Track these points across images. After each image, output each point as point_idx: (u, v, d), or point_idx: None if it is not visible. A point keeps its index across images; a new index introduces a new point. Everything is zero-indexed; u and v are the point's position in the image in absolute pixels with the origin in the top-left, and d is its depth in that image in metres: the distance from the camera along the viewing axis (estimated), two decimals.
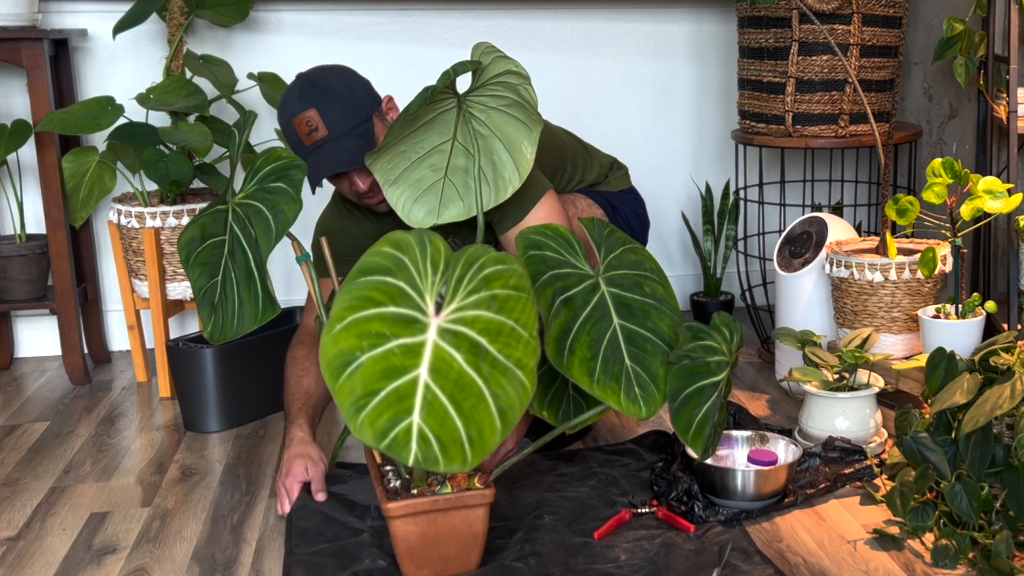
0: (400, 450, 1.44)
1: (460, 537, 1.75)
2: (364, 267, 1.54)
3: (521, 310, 1.57)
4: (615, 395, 1.77)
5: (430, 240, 1.58)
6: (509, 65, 2.00)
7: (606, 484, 2.12)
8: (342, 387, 1.45)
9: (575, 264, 1.85)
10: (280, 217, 1.87)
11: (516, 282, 1.59)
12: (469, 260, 1.58)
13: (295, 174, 1.90)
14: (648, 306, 1.86)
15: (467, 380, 1.49)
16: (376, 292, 1.51)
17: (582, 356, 1.77)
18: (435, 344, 1.50)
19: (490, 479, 1.79)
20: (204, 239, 1.93)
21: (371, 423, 1.44)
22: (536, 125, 1.97)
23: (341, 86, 2.10)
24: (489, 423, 1.49)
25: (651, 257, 1.95)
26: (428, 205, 1.94)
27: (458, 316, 1.53)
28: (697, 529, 1.91)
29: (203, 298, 1.89)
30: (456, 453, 1.46)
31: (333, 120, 2.07)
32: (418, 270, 1.55)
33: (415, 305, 1.52)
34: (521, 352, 1.54)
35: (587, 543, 1.88)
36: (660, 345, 1.84)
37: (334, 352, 1.47)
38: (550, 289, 1.80)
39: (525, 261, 1.80)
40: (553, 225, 1.89)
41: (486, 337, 1.52)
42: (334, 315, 1.49)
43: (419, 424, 1.45)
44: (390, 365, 1.47)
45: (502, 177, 1.94)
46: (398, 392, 1.46)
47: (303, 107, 2.07)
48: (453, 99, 1.98)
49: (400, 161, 1.97)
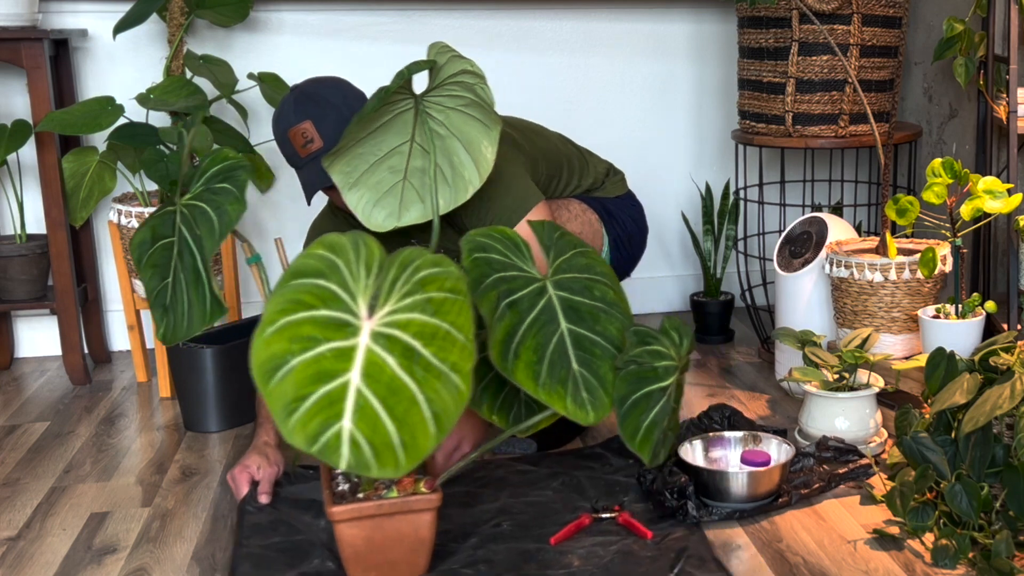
0: (331, 455, 1.41)
1: (407, 542, 1.73)
2: (297, 270, 1.51)
3: (457, 313, 1.54)
4: (561, 399, 1.73)
5: (364, 242, 1.56)
6: (464, 64, 1.98)
7: (570, 488, 2.11)
8: (273, 391, 1.43)
9: (522, 267, 1.82)
10: (224, 218, 1.82)
11: (452, 285, 1.55)
12: (404, 262, 1.56)
13: (240, 175, 1.86)
14: (598, 310, 1.84)
15: (400, 384, 1.46)
16: (308, 295, 1.48)
17: (527, 360, 1.73)
18: (367, 348, 1.48)
19: (436, 483, 1.77)
20: (155, 241, 1.89)
21: (302, 427, 1.41)
22: (495, 124, 1.95)
23: (337, 98, 2.11)
24: (423, 428, 1.46)
25: (602, 261, 1.93)
26: (388, 208, 1.93)
27: (391, 319, 1.50)
28: (655, 535, 1.89)
29: (155, 300, 1.86)
30: (388, 458, 1.43)
31: (328, 132, 2.08)
32: (351, 273, 1.52)
33: (347, 308, 1.50)
34: (457, 356, 1.51)
35: (542, 549, 1.86)
36: (609, 349, 1.81)
37: (265, 356, 1.44)
38: (494, 292, 1.76)
39: (469, 264, 1.77)
40: (501, 228, 1.86)
41: (420, 340, 1.50)
42: (265, 318, 1.47)
43: (350, 429, 1.42)
44: (321, 369, 1.44)
45: (462, 177, 1.92)
46: (329, 396, 1.43)
47: (298, 119, 2.08)
48: (410, 100, 1.96)
49: (359, 164, 1.95)
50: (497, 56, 3.21)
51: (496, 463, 2.24)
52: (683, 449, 2.10)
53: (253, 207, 3.21)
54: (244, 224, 3.20)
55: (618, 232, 2.44)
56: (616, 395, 1.78)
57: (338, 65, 2.78)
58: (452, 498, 2.07)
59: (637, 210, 2.52)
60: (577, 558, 1.83)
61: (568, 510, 2.01)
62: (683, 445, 2.11)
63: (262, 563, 1.82)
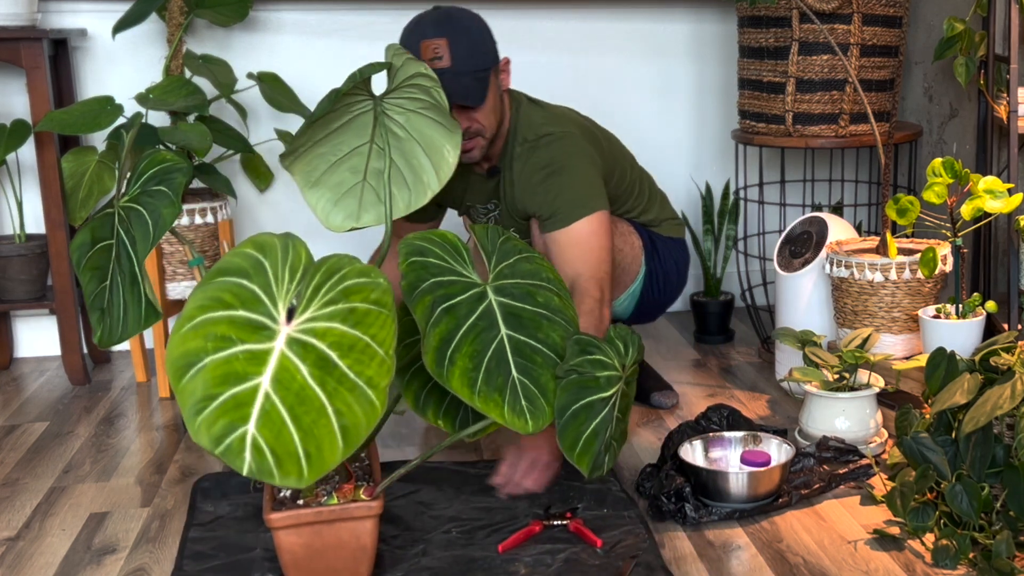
0: (234, 458, 1.39)
1: (347, 550, 1.70)
2: (222, 267, 1.49)
3: (380, 326, 1.51)
4: (498, 408, 1.70)
5: (293, 245, 1.54)
6: (419, 67, 1.95)
7: (525, 495, 2.08)
8: (184, 388, 1.41)
9: (461, 272, 1.78)
10: (159, 221, 1.79)
11: (378, 297, 1.53)
12: (330, 269, 1.53)
13: (176, 177, 1.82)
14: (540, 316, 1.80)
15: (310, 394, 1.44)
16: (228, 294, 1.46)
17: (463, 367, 1.70)
18: (281, 353, 1.45)
19: (376, 491, 1.74)
20: (94, 243, 1.86)
21: (208, 427, 1.39)
22: (456, 128, 1.94)
23: (476, 28, 2.17)
24: (330, 440, 1.43)
25: (549, 267, 1.90)
26: (347, 209, 1.91)
27: (309, 327, 1.47)
28: (605, 543, 1.87)
29: (93, 303, 1.83)
30: (291, 467, 1.41)
31: (459, 55, 2.12)
32: (276, 275, 1.50)
33: (266, 311, 1.47)
34: (374, 370, 1.48)
35: (488, 557, 1.84)
36: (552, 357, 1.78)
37: (180, 351, 1.42)
38: (429, 297, 1.72)
39: (405, 268, 1.74)
40: (441, 231, 1.82)
41: (337, 351, 1.47)
42: (184, 314, 1.45)
43: (254, 434, 1.40)
44: (232, 370, 1.42)
45: (421, 181, 1.90)
46: (236, 399, 1.41)
47: (435, 33, 2.12)
48: (369, 101, 1.94)
49: (319, 163, 1.93)
50: None
51: (451, 468, 2.21)
52: (683, 449, 2.09)
53: (252, 206, 3.20)
54: (244, 223, 3.20)
55: (656, 267, 2.42)
56: (557, 404, 1.74)
57: (338, 65, 2.77)
58: (406, 504, 2.06)
59: (683, 258, 2.52)
60: (524, 566, 1.81)
61: (521, 517, 1.99)
62: (683, 445, 2.11)
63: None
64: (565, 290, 1.89)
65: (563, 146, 2.25)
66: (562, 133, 2.27)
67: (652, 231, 2.47)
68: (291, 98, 2.96)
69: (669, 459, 2.12)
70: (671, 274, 2.46)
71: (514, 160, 2.29)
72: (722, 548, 1.89)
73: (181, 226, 2.75)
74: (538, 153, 2.25)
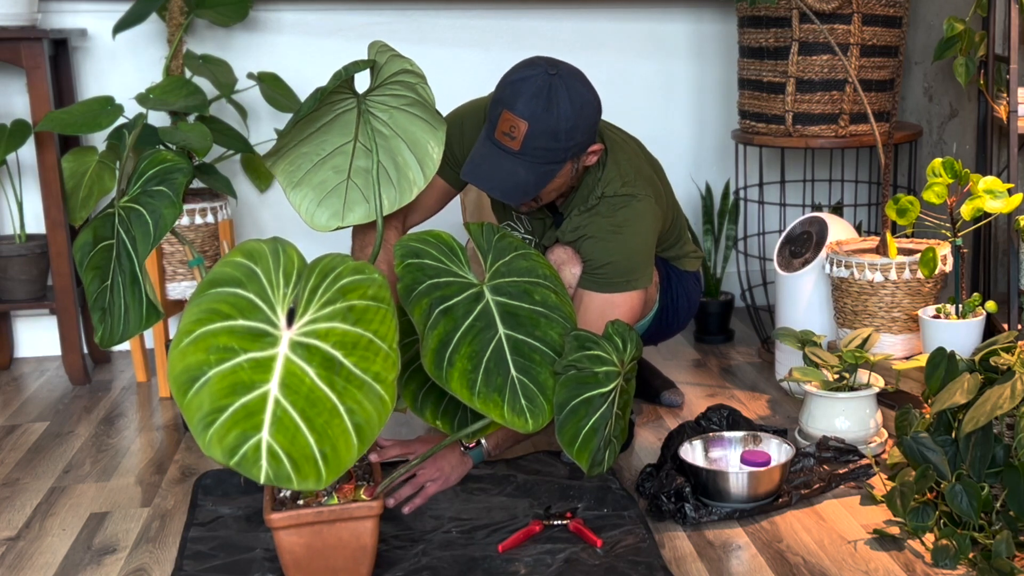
0: (250, 468, 1.38)
1: (348, 549, 1.70)
2: (214, 278, 1.48)
3: (380, 322, 1.51)
4: (498, 408, 1.70)
5: (284, 249, 1.53)
6: (404, 64, 1.94)
7: (525, 494, 2.09)
8: (190, 403, 1.40)
9: (457, 272, 1.77)
10: (160, 222, 1.78)
11: (375, 292, 1.53)
12: (324, 270, 1.53)
13: (177, 178, 1.82)
14: (537, 314, 1.80)
15: (319, 395, 1.44)
16: (224, 305, 1.45)
17: (462, 368, 1.69)
18: (286, 358, 1.45)
19: (377, 491, 1.74)
20: (96, 243, 1.86)
21: (219, 440, 1.38)
22: (440, 124, 1.92)
23: (570, 115, 1.95)
24: (344, 439, 1.43)
25: (546, 263, 1.89)
26: (332, 208, 1.90)
27: (311, 329, 1.47)
28: (605, 543, 1.87)
29: (95, 303, 1.83)
30: (309, 470, 1.41)
31: (532, 144, 1.95)
32: (270, 281, 1.49)
33: (265, 318, 1.46)
34: (380, 365, 1.48)
35: (488, 557, 1.85)
36: (550, 355, 1.78)
37: (181, 367, 1.41)
38: (427, 299, 1.72)
39: (401, 270, 1.74)
40: (436, 232, 1.81)
41: (341, 350, 1.47)
42: (181, 329, 1.44)
43: (268, 441, 1.39)
44: (238, 380, 1.41)
45: (406, 178, 1.89)
46: (246, 408, 1.40)
47: (523, 112, 1.93)
48: (353, 99, 1.93)
49: (302, 163, 1.92)
50: (497, 56, 3.20)
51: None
52: (683, 449, 2.10)
53: (253, 207, 3.20)
54: (244, 224, 3.20)
55: (668, 303, 2.40)
56: (555, 400, 1.74)
57: (338, 65, 2.77)
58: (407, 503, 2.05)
59: (696, 290, 2.48)
60: (523, 566, 1.81)
61: (521, 516, 1.99)
62: (683, 445, 2.11)
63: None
64: (562, 286, 1.88)
65: (636, 211, 2.13)
66: (642, 196, 2.15)
67: (672, 265, 2.42)
68: (291, 98, 2.96)
69: (669, 459, 2.12)
70: (681, 310, 2.43)
71: (585, 211, 2.15)
72: (722, 548, 1.89)
73: (181, 226, 2.75)
74: (613, 210, 2.13)
